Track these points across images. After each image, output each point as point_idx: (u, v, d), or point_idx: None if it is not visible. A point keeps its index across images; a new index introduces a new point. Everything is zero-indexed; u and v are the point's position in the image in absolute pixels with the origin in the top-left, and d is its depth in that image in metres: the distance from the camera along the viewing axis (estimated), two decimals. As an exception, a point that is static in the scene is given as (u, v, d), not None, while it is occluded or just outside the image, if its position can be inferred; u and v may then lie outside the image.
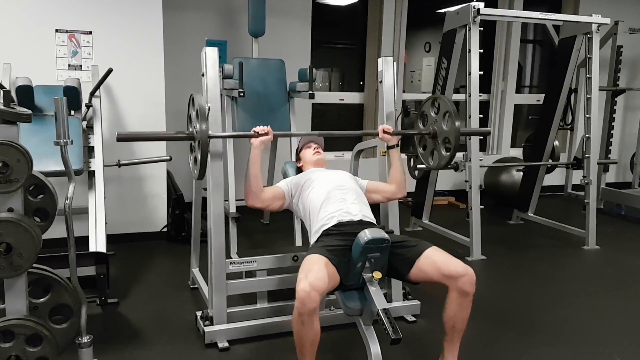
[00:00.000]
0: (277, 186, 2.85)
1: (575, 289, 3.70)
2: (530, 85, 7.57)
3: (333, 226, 2.53)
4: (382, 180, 3.16)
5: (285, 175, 3.24)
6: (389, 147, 2.95)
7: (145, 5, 4.19)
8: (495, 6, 6.22)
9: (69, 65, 4.08)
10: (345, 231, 2.46)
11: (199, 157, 2.51)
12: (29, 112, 1.94)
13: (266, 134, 2.66)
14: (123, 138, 2.53)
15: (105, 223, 3.40)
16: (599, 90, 4.68)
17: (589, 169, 4.64)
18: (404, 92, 6.32)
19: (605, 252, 4.52)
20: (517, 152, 6.55)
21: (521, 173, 5.55)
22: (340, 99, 6.20)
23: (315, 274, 2.16)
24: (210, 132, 2.55)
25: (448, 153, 2.89)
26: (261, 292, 2.94)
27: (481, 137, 4.29)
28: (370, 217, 2.65)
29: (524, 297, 3.51)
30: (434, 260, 2.35)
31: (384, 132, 2.89)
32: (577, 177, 5.53)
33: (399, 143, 2.96)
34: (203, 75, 2.73)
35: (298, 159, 3.13)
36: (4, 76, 3.75)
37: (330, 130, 3.15)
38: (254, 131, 2.66)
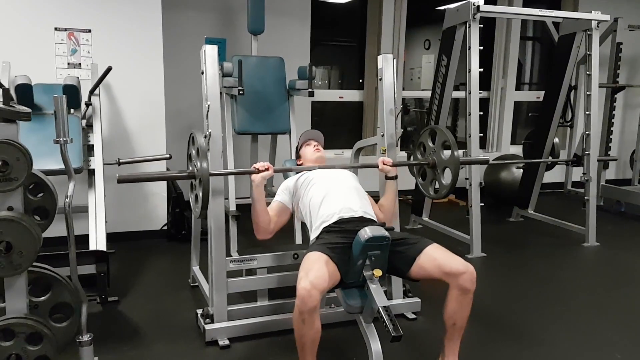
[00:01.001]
0: (278, 202, 2.82)
1: (575, 287, 3.70)
2: (530, 82, 7.56)
3: (334, 223, 2.53)
4: (381, 177, 3.15)
5: (285, 175, 3.25)
6: (387, 178, 2.91)
7: (144, 3, 4.18)
8: (494, 3, 6.21)
9: (68, 63, 4.07)
10: (345, 228, 2.46)
11: (200, 194, 2.50)
12: (29, 110, 1.94)
13: (266, 169, 2.61)
14: (124, 180, 2.49)
15: (105, 221, 3.40)
16: (599, 87, 4.67)
17: (589, 166, 4.63)
18: (403, 89, 6.32)
19: (605, 249, 4.53)
20: (517, 150, 6.54)
21: (521, 170, 5.54)
22: (339, 97, 6.20)
23: (315, 272, 2.16)
24: (211, 170, 2.53)
25: (448, 183, 2.88)
26: (261, 290, 2.94)
27: (482, 134, 4.27)
28: (371, 214, 2.65)
29: (523, 294, 3.51)
30: (435, 258, 2.35)
31: (384, 163, 2.85)
32: (577, 174, 5.53)
33: (397, 175, 2.92)
34: (202, 73, 2.72)
35: (298, 156, 3.13)
36: (3, 75, 3.74)
37: (330, 165, 3.06)
38: (254, 167, 2.62)
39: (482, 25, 4.19)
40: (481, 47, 4.18)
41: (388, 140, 3.10)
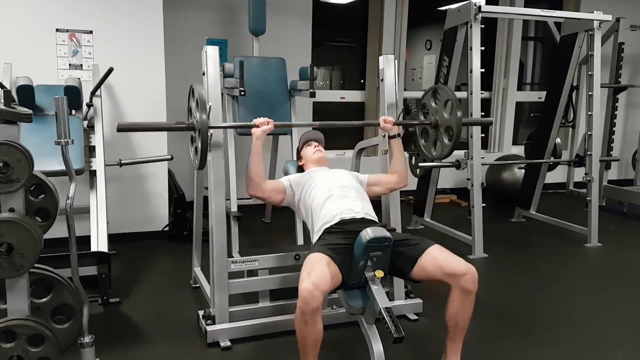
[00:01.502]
0: (278, 180, 2.86)
1: (578, 287, 3.69)
2: (532, 82, 7.56)
3: (335, 224, 2.52)
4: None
5: (286, 174, 3.24)
6: (390, 137, 2.95)
7: (145, 4, 4.18)
8: (496, 3, 6.21)
9: (70, 64, 4.07)
10: (347, 229, 2.46)
11: (199, 147, 2.51)
12: (30, 111, 1.94)
13: (267, 124, 2.67)
14: (123, 128, 2.52)
15: (107, 222, 3.40)
16: (601, 87, 4.67)
17: (591, 167, 4.63)
18: (405, 90, 6.31)
19: (608, 249, 4.52)
20: (519, 150, 6.54)
21: (523, 171, 5.54)
22: (341, 98, 6.19)
23: (317, 273, 2.15)
24: (210, 122, 2.54)
25: (450, 142, 2.88)
26: (263, 291, 2.94)
27: (483, 134, 4.26)
28: (372, 215, 2.64)
29: (526, 295, 3.50)
30: (436, 259, 2.35)
31: (385, 122, 2.90)
32: (579, 174, 5.51)
33: (401, 133, 2.96)
34: (204, 74, 2.72)
35: (299, 157, 3.13)
36: (5, 76, 3.74)
37: (332, 121, 3.14)
38: (255, 122, 2.67)
39: (483, 26, 4.18)
40: (483, 48, 4.18)
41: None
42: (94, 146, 3.68)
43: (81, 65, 4.10)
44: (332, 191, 2.66)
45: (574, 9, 6.45)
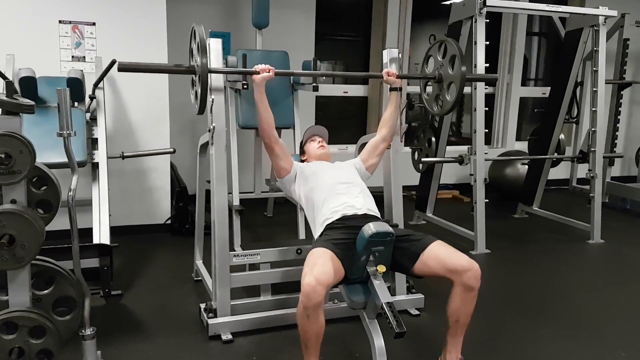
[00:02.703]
0: (290, 153, 2.88)
1: (580, 283, 3.69)
2: (536, 78, 7.52)
3: (337, 220, 2.52)
4: (385, 174, 3.14)
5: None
6: (391, 89, 2.97)
7: (148, -4, 4.18)
8: (501, -2, 6.17)
9: (73, 56, 4.06)
10: (349, 225, 2.46)
11: (199, 91, 2.50)
12: (32, 103, 1.93)
13: (268, 72, 2.68)
14: (124, 67, 2.52)
15: (109, 215, 3.39)
16: (605, 83, 4.65)
17: (595, 163, 4.62)
18: (408, 84, 6.28)
19: (610, 246, 4.51)
20: (522, 146, 6.53)
21: (526, 167, 5.53)
22: (344, 92, 6.18)
23: (320, 267, 2.15)
24: (210, 66, 2.54)
25: (452, 98, 2.86)
26: (265, 285, 2.94)
27: (487, 130, 4.24)
28: (374, 210, 2.64)
29: (528, 291, 3.50)
30: (439, 255, 2.34)
31: (388, 74, 2.90)
32: (582, 170, 5.51)
33: (402, 87, 2.97)
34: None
35: (302, 152, 3.12)
36: (8, 67, 3.73)
37: (332, 72, 3.14)
38: (255, 68, 2.69)
39: (488, 20, 4.16)
40: (487, 42, 4.16)
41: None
42: (97, 138, 3.67)
43: (84, 57, 4.09)
44: (335, 187, 2.66)
45: (579, 4, 6.42)
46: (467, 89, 4.18)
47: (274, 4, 4.62)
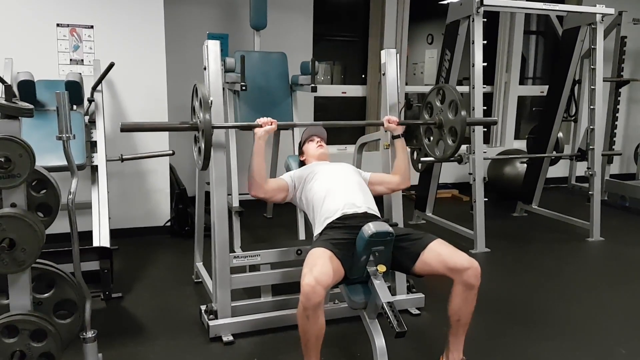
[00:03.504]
0: (281, 178, 2.84)
1: (580, 282, 3.69)
2: (534, 76, 7.53)
3: (337, 219, 2.52)
4: (385, 172, 3.15)
5: (288, 169, 3.24)
6: (393, 137, 2.94)
7: (146, -2, 4.18)
8: (498, -3, 6.18)
9: (71, 59, 4.07)
10: (349, 224, 2.46)
11: (202, 147, 2.50)
12: (31, 106, 1.93)
13: (270, 124, 2.66)
14: (127, 129, 2.52)
15: (109, 218, 3.39)
16: (603, 81, 4.66)
17: (593, 161, 4.62)
18: (406, 84, 6.30)
19: (610, 244, 4.51)
20: (521, 144, 6.53)
21: (525, 165, 5.53)
22: (342, 92, 6.18)
23: (320, 268, 2.15)
24: (213, 122, 2.53)
25: (454, 143, 2.87)
26: (265, 286, 2.94)
27: (485, 129, 4.25)
28: (374, 209, 2.64)
29: (528, 289, 3.50)
30: (439, 253, 2.34)
31: (389, 122, 2.88)
32: (581, 168, 5.50)
33: (404, 133, 2.95)
34: (205, 69, 2.71)
35: (301, 152, 3.12)
36: (6, 71, 3.74)
37: (334, 121, 3.14)
38: (258, 122, 2.66)
39: (485, 20, 4.17)
40: (485, 42, 4.17)
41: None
42: (96, 141, 3.67)
43: (82, 60, 4.09)
44: (334, 185, 2.66)
45: (577, 2, 6.43)
46: (465, 88, 4.21)
47: (271, 6, 4.63)
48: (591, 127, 4.63)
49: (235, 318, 2.79)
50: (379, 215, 2.64)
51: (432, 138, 3.09)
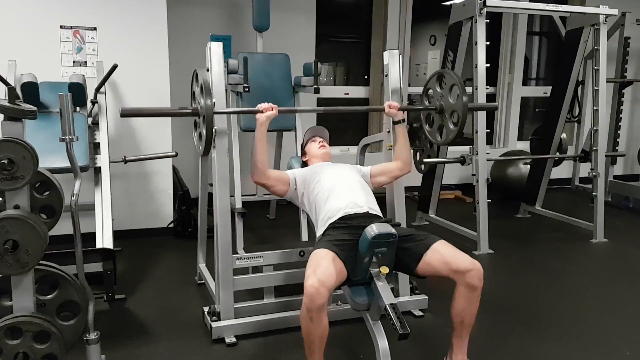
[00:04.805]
0: (284, 172, 2.86)
1: (584, 283, 3.68)
2: (537, 77, 7.52)
3: (339, 219, 2.52)
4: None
5: (289, 165, 3.25)
6: (394, 123, 2.94)
7: (149, 0, 4.18)
8: (501, -2, 6.17)
9: (74, 61, 4.07)
10: (352, 224, 2.46)
11: (204, 133, 2.50)
12: (34, 108, 1.94)
13: (271, 110, 2.67)
14: (127, 114, 2.52)
15: (112, 219, 3.40)
16: (607, 82, 4.64)
17: (597, 162, 4.61)
18: (409, 85, 6.29)
19: (614, 245, 4.50)
20: (524, 145, 6.51)
21: (528, 166, 5.52)
22: (345, 93, 6.17)
23: (323, 269, 2.15)
24: (215, 108, 2.53)
25: (456, 127, 2.87)
26: (268, 287, 2.94)
27: (488, 130, 4.24)
28: (376, 209, 2.64)
29: (532, 291, 3.49)
30: (442, 255, 2.34)
31: (390, 107, 2.88)
32: (584, 169, 5.50)
33: (405, 119, 2.95)
34: (208, 70, 2.71)
35: (303, 153, 3.12)
36: (9, 73, 3.74)
37: (335, 107, 3.13)
38: (259, 107, 2.67)
39: (488, 20, 4.16)
40: (488, 43, 4.16)
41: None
42: (99, 143, 3.67)
43: (85, 62, 4.10)
44: (336, 186, 2.66)
45: (580, 3, 6.41)
46: (468, 89, 4.20)
47: (274, 7, 4.63)
48: (595, 128, 4.62)
49: (238, 319, 2.78)
50: (381, 215, 2.64)
51: (433, 124, 3.08)
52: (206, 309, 2.87)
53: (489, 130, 4.29)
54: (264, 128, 2.66)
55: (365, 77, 6.23)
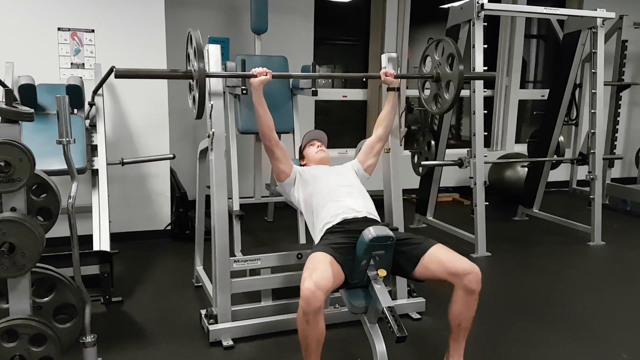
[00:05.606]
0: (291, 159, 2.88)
1: (581, 286, 3.68)
2: (535, 80, 7.53)
3: (337, 224, 2.52)
4: (385, 177, 3.15)
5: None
6: (389, 89, 2.97)
7: (147, 3, 4.18)
8: (499, 1, 6.14)
9: (72, 63, 4.07)
10: (349, 229, 2.45)
11: (197, 96, 2.50)
12: (32, 110, 1.94)
13: (265, 74, 2.68)
14: (121, 74, 2.52)
15: (109, 222, 3.39)
16: (604, 85, 4.65)
17: (594, 165, 4.61)
18: (407, 88, 6.29)
19: (611, 248, 4.50)
20: (522, 148, 6.53)
21: (526, 169, 5.53)
22: (343, 96, 6.18)
23: (320, 272, 2.15)
24: (208, 70, 2.52)
25: (451, 97, 2.87)
26: (265, 290, 2.93)
27: (486, 133, 4.25)
28: (374, 214, 2.64)
29: (529, 293, 3.49)
30: (439, 258, 2.34)
31: (386, 75, 2.90)
32: (582, 172, 5.50)
33: (400, 87, 2.97)
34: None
35: (301, 157, 3.12)
36: (7, 75, 3.74)
37: (331, 73, 3.13)
38: (253, 72, 2.69)
39: (486, 23, 4.17)
40: (485, 46, 4.16)
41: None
42: (96, 145, 3.67)
43: (83, 64, 4.10)
44: (334, 191, 2.66)
45: (577, 6, 6.43)
46: (465, 92, 4.20)
47: (272, 9, 4.63)
48: (592, 131, 4.62)
49: (235, 322, 2.78)
50: (379, 220, 2.64)
51: (429, 92, 3.08)
52: (203, 311, 2.87)
53: (486, 133, 4.29)
54: (260, 92, 2.69)
55: (364, 79, 6.24)
